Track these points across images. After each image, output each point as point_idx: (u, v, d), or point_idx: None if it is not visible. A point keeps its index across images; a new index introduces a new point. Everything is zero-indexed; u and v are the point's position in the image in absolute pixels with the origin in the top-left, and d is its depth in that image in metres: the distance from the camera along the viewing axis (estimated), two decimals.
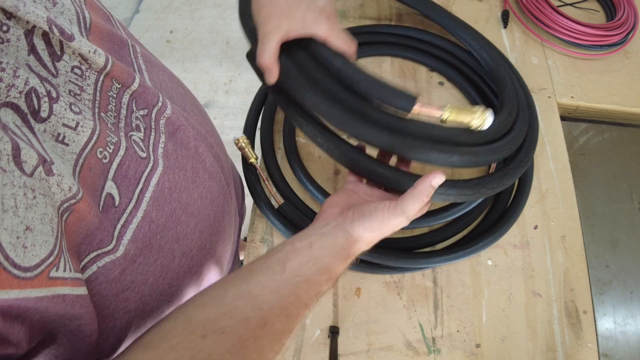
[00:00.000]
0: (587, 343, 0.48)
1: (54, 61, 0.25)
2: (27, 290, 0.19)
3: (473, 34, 0.61)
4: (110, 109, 0.29)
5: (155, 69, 0.37)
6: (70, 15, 0.27)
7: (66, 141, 0.24)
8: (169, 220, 0.32)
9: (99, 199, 0.27)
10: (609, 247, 0.58)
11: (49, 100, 0.23)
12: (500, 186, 0.45)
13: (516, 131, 0.47)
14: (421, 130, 0.39)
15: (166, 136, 0.33)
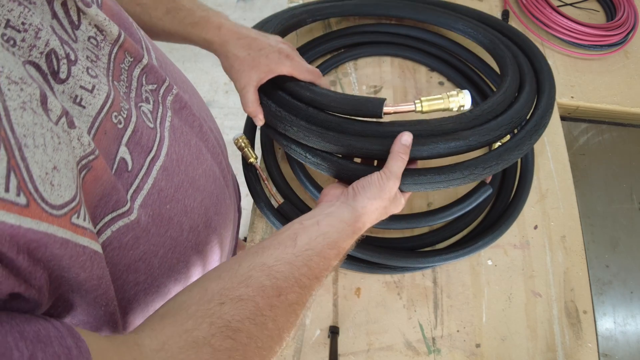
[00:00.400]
0: (587, 343, 0.48)
1: (74, 29, 0.26)
2: (54, 226, 0.20)
3: (465, 22, 0.59)
4: (122, 79, 0.30)
5: (159, 51, 0.38)
6: None
7: (83, 103, 0.25)
8: (177, 192, 0.33)
9: (112, 162, 0.27)
10: (609, 247, 0.58)
11: (68, 62, 0.24)
12: (502, 162, 0.43)
13: (519, 104, 0.45)
14: (399, 129, 0.42)
15: (172, 112, 0.34)
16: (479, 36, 0.58)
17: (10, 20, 0.21)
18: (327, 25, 0.70)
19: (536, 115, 0.48)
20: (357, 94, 0.64)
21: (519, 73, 0.51)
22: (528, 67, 0.53)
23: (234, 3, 1.82)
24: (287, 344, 0.48)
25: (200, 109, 0.41)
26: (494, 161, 0.43)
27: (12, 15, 0.21)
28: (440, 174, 0.42)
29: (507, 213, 0.53)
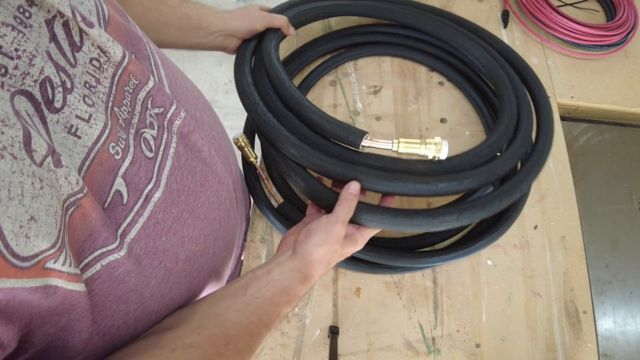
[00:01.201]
0: (587, 343, 0.48)
1: (74, 51, 0.25)
2: (23, 279, 0.19)
3: (470, 43, 0.59)
4: (125, 103, 0.29)
5: (170, 66, 0.37)
6: (90, 6, 0.27)
7: (79, 133, 0.24)
8: (175, 223, 0.32)
9: (106, 195, 0.26)
10: (609, 247, 0.58)
11: (63, 90, 0.23)
12: (463, 219, 0.42)
13: (502, 160, 0.45)
14: (372, 162, 0.44)
15: (178, 138, 0.33)
16: (486, 63, 0.57)
17: (3, 47, 0.20)
18: (327, 26, 0.70)
19: (518, 176, 0.47)
20: (357, 94, 0.64)
21: (516, 118, 0.51)
22: (527, 109, 0.53)
23: (234, 3, 1.82)
24: (287, 345, 0.48)
25: (211, 127, 0.40)
26: (455, 214, 0.42)
27: (5, 40, 0.20)
28: (399, 216, 0.42)
29: (507, 213, 0.53)
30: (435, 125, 0.62)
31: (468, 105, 0.64)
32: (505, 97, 0.52)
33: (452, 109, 0.63)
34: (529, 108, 0.53)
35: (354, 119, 0.62)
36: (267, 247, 0.53)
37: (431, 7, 0.65)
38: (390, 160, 0.44)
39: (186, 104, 0.36)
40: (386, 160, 0.44)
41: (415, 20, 0.61)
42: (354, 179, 0.41)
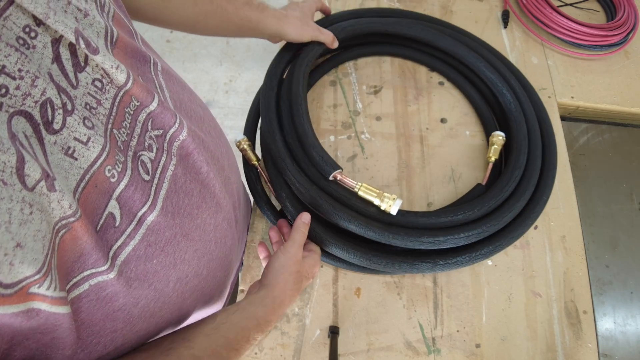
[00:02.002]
0: (587, 343, 0.48)
1: (77, 72, 0.25)
2: (5, 306, 0.19)
3: (497, 74, 0.60)
4: (125, 125, 0.29)
5: (175, 86, 0.37)
6: (99, 28, 0.27)
7: (75, 155, 0.24)
8: (168, 245, 0.32)
9: (99, 217, 0.26)
10: (609, 247, 0.58)
11: (63, 112, 0.23)
12: (410, 270, 0.48)
13: (458, 233, 0.48)
14: (335, 192, 0.49)
15: (177, 159, 0.33)
16: (512, 109, 0.59)
17: (6, 67, 0.20)
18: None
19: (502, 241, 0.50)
20: (357, 94, 0.64)
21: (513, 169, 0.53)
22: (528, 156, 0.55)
23: None
24: (287, 345, 0.48)
25: (215, 148, 0.39)
26: (399, 266, 0.47)
27: (9, 61, 0.21)
28: (353, 251, 0.47)
29: (515, 229, 0.51)
30: (435, 125, 0.62)
31: (468, 105, 0.64)
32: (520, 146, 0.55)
33: (452, 109, 0.63)
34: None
35: (354, 119, 0.62)
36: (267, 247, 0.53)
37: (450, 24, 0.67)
38: (350, 195, 0.50)
39: (191, 121, 0.36)
40: (348, 194, 0.50)
41: (444, 43, 0.63)
42: (314, 205, 0.49)
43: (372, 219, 0.48)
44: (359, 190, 0.49)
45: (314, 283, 0.51)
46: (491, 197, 0.50)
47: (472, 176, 0.58)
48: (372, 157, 0.59)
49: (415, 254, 0.48)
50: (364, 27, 0.62)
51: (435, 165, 0.59)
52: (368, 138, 0.60)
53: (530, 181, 0.52)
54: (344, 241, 0.48)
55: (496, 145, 0.56)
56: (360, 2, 0.74)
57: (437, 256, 0.48)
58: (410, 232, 0.47)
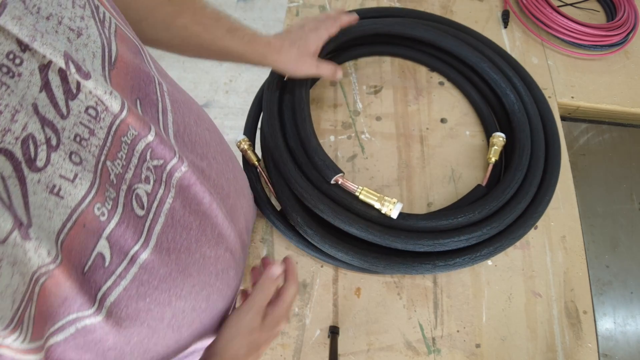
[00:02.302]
0: (587, 343, 0.48)
1: (68, 100, 0.23)
2: None
3: (502, 76, 0.60)
4: (120, 156, 0.26)
5: (182, 108, 0.34)
6: (95, 47, 0.25)
7: (61, 193, 0.22)
8: (163, 283, 0.30)
9: (87, 258, 0.25)
10: (609, 248, 0.58)
11: (47, 148, 0.22)
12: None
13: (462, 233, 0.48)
14: (337, 195, 0.50)
15: (176, 191, 0.31)
16: (516, 111, 0.58)
17: None
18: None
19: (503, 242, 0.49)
20: (357, 94, 0.64)
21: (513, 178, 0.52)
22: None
23: (234, 3, 1.81)
24: (287, 345, 0.48)
25: (220, 174, 0.37)
26: (399, 267, 0.48)
27: None
28: (353, 253, 0.48)
29: (516, 230, 0.51)
30: (436, 125, 0.62)
31: (468, 105, 0.64)
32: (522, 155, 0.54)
33: (452, 109, 0.63)
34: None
35: (354, 119, 0.62)
36: (267, 247, 0.53)
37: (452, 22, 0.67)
38: (351, 198, 0.50)
39: (192, 153, 0.33)
40: (349, 198, 0.50)
41: (442, 40, 0.62)
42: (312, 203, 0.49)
43: (373, 222, 0.48)
44: (360, 194, 0.49)
45: (313, 283, 0.51)
46: (492, 199, 0.50)
47: (472, 176, 0.58)
48: (372, 157, 0.59)
49: (415, 255, 0.48)
50: (367, 28, 0.62)
51: (435, 166, 0.59)
52: (368, 138, 0.60)
53: (533, 183, 0.52)
54: (345, 243, 0.48)
55: (496, 147, 0.56)
56: (360, 2, 0.74)
57: (437, 258, 0.48)
58: (411, 235, 0.47)
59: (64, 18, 0.23)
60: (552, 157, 0.55)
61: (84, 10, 0.25)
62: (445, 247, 0.47)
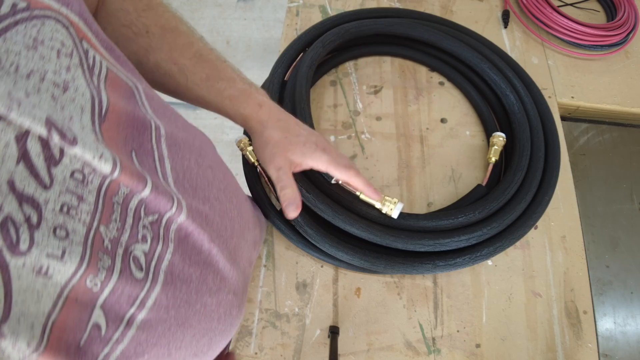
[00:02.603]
0: (587, 343, 0.48)
1: (50, 166, 0.21)
2: None
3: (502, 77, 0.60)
4: (114, 218, 0.25)
5: (182, 151, 0.32)
6: (83, 101, 0.23)
7: (49, 273, 0.21)
8: (162, 339, 0.29)
9: (82, 332, 0.23)
10: (609, 248, 0.58)
11: (29, 228, 0.20)
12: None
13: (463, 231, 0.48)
14: (338, 195, 0.50)
15: (175, 244, 0.29)
16: (516, 111, 0.58)
17: None
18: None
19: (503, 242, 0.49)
20: (358, 94, 0.64)
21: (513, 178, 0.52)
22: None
23: (234, 3, 1.82)
24: (287, 345, 0.48)
25: (223, 215, 0.35)
26: (399, 267, 0.47)
27: None
28: (353, 253, 0.48)
29: (516, 230, 0.51)
30: (436, 125, 0.62)
31: (468, 105, 0.64)
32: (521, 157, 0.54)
33: (452, 109, 0.63)
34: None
35: (354, 119, 0.62)
36: (267, 247, 0.54)
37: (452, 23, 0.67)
38: (352, 198, 0.50)
39: (194, 198, 0.32)
40: (350, 197, 0.50)
41: (439, 40, 0.62)
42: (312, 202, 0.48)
43: (374, 222, 0.48)
44: (360, 194, 0.50)
45: (313, 283, 0.51)
46: (492, 199, 0.50)
47: (472, 176, 0.58)
48: (372, 157, 0.59)
49: (415, 255, 0.48)
50: (368, 28, 0.62)
51: (436, 166, 0.59)
52: (368, 138, 0.61)
53: (532, 183, 0.52)
54: (345, 243, 0.48)
55: (496, 146, 0.56)
56: (360, 2, 0.74)
57: (437, 257, 0.48)
58: (412, 235, 0.47)
59: (48, 72, 0.21)
60: (552, 158, 0.55)
61: (70, 59, 0.23)
62: (446, 247, 0.47)
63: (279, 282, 0.51)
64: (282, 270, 0.52)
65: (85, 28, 0.25)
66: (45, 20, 0.21)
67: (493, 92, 0.62)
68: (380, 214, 0.49)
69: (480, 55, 0.61)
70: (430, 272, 0.48)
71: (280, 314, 0.49)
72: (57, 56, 0.22)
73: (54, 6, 0.22)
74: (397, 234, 0.47)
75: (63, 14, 0.23)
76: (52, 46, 0.22)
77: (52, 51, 0.22)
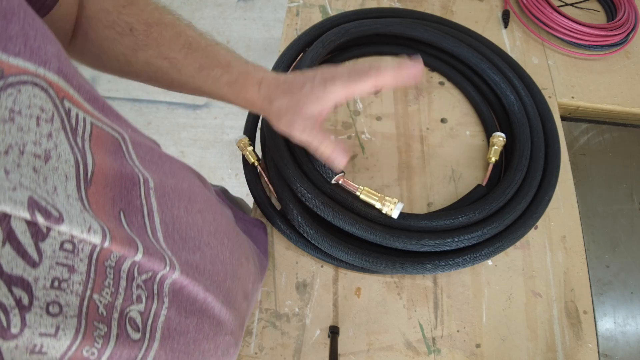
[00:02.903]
0: (587, 343, 0.48)
1: (38, 242, 0.20)
2: None
3: (501, 76, 0.59)
4: (107, 284, 0.24)
5: (171, 200, 0.31)
6: (67, 168, 0.22)
7: (44, 350, 0.20)
8: None
9: None
10: (609, 248, 0.58)
11: (20, 310, 0.19)
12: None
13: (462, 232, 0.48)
14: (338, 195, 0.50)
15: (170, 298, 0.29)
16: (516, 110, 0.58)
17: None
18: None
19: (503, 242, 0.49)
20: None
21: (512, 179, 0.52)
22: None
23: (234, 3, 1.82)
24: (287, 345, 0.48)
25: (214, 259, 0.34)
26: (399, 267, 0.48)
27: None
28: (353, 253, 0.48)
29: (516, 230, 0.51)
30: (436, 125, 0.62)
31: (468, 105, 0.64)
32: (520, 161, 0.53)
33: (452, 109, 0.63)
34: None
35: (354, 118, 0.62)
36: (267, 247, 0.53)
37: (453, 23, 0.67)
38: (352, 198, 0.50)
39: (183, 250, 0.31)
40: (350, 197, 0.50)
41: (439, 39, 0.62)
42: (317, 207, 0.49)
43: (374, 222, 0.48)
44: (360, 194, 0.50)
45: (314, 283, 0.51)
46: (492, 199, 0.50)
47: (472, 176, 0.58)
48: (372, 157, 0.59)
49: (415, 255, 0.49)
50: (368, 28, 0.62)
51: (436, 165, 0.59)
52: (368, 138, 0.61)
53: (532, 183, 0.52)
54: (345, 243, 0.48)
55: (496, 146, 0.56)
56: (360, 2, 0.74)
57: (437, 257, 0.48)
58: (411, 235, 0.47)
59: (28, 144, 0.20)
60: (552, 158, 0.55)
61: (51, 124, 0.21)
62: (446, 247, 0.47)
63: (279, 282, 0.51)
64: (282, 270, 0.52)
65: (66, 85, 0.23)
66: (21, 87, 0.20)
67: (493, 92, 0.62)
68: (380, 214, 0.49)
69: (480, 55, 0.61)
70: (430, 272, 0.48)
71: (280, 314, 0.49)
72: (37, 124, 0.20)
73: (30, 69, 0.20)
74: (397, 234, 0.47)
75: (40, 76, 0.21)
76: (30, 114, 0.20)
77: (30, 120, 0.20)
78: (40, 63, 0.21)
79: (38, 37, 0.21)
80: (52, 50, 0.22)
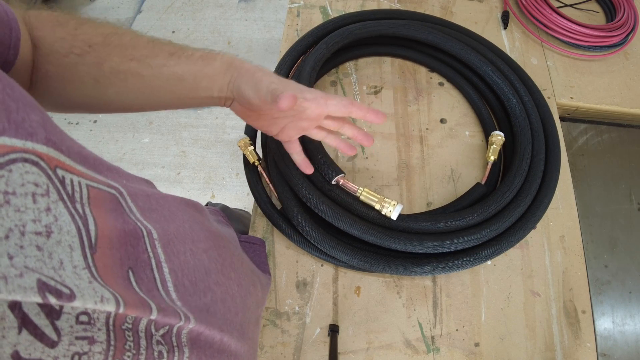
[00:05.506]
0: (585, 343, 0.48)
1: (54, 321, 0.19)
2: None
3: (503, 79, 0.60)
4: (128, 347, 0.24)
5: (176, 246, 0.31)
6: (70, 239, 0.21)
7: None
8: None
9: None
10: (608, 247, 0.58)
11: None
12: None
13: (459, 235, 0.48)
14: (338, 196, 0.50)
15: (189, 347, 0.29)
16: (518, 114, 0.58)
17: None
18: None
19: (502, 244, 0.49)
20: (358, 94, 0.65)
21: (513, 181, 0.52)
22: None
23: (236, 3, 1.82)
24: (287, 343, 0.48)
25: (225, 296, 0.34)
26: (398, 268, 0.48)
27: None
28: (352, 254, 0.48)
29: (516, 232, 0.51)
30: (435, 125, 0.62)
31: (467, 105, 0.64)
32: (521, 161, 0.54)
33: (452, 110, 0.64)
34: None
35: (354, 119, 0.62)
36: (267, 246, 0.54)
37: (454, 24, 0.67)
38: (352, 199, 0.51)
39: (194, 295, 0.31)
40: (350, 199, 0.51)
41: (443, 42, 0.62)
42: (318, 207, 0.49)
43: (373, 224, 0.49)
44: (360, 195, 0.50)
45: (314, 282, 0.51)
46: (492, 202, 0.50)
47: (471, 176, 0.58)
48: (372, 157, 0.59)
49: (414, 256, 0.49)
50: (371, 30, 0.63)
51: (435, 165, 0.59)
52: None
53: (532, 186, 0.52)
54: (345, 244, 0.48)
55: (495, 145, 0.56)
56: (361, 4, 0.74)
57: (436, 259, 0.48)
58: (411, 237, 0.48)
59: (27, 224, 0.19)
60: (552, 161, 0.56)
61: (48, 197, 0.21)
62: (445, 249, 0.48)
63: (280, 280, 0.51)
64: (283, 269, 0.52)
65: (56, 153, 0.22)
66: (12, 167, 0.19)
67: (493, 92, 0.62)
68: (380, 215, 0.49)
69: (483, 57, 0.61)
70: (429, 274, 0.48)
71: (280, 313, 0.50)
72: (34, 201, 0.20)
73: (17, 145, 0.20)
74: (396, 236, 0.48)
75: (29, 150, 0.20)
76: (25, 192, 0.19)
77: (26, 198, 0.19)
78: (27, 137, 0.20)
79: (20, 108, 0.20)
80: (36, 120, 0.21)
